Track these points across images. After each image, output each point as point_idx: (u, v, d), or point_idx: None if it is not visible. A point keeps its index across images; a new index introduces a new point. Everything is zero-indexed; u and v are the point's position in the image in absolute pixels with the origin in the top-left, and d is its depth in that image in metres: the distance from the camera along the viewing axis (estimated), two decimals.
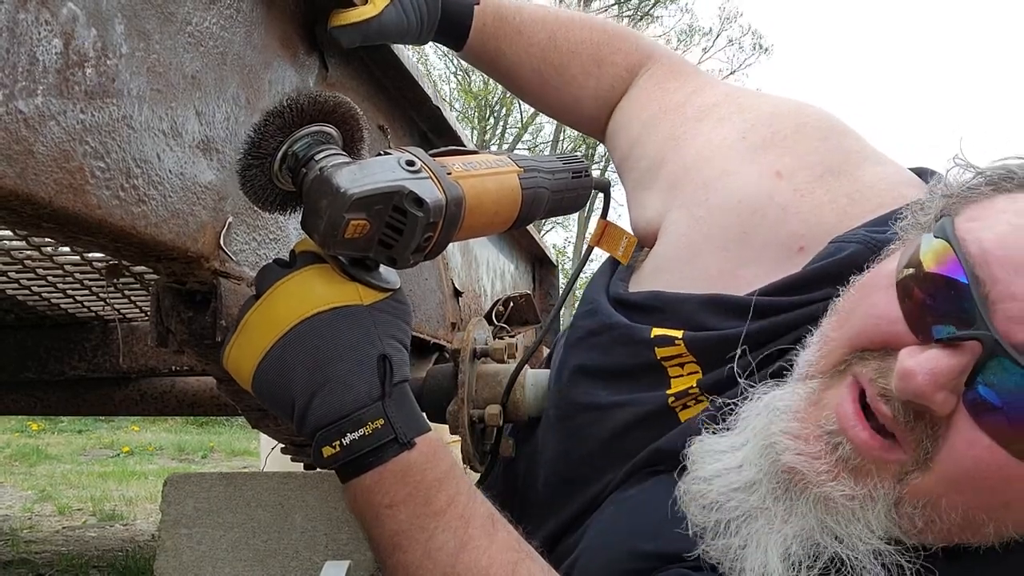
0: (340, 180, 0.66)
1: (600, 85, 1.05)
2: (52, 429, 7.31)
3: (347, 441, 0.67)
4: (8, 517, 3.73)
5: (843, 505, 0.62)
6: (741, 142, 0.86)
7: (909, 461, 0.60)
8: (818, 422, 0.64)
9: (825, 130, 0.85)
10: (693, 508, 0.69)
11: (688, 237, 0.83)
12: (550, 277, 2.76)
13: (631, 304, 0.84)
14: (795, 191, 0.80)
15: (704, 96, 0.96)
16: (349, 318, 0.69)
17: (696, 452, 0.71)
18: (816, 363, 0.67)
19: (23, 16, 0.49)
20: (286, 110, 0.69)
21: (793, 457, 0.64)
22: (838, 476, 0.62)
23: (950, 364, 0.56)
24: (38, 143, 0.50)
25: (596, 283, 0.93)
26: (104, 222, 0.57)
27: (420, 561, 0.68)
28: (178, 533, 0.81)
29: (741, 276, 0.78)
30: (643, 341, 0.79)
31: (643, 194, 0.93)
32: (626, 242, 0.93)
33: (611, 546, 0.76)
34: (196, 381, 2.27)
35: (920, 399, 0.57)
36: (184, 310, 0.75)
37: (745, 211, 0.80)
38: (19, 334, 1.90)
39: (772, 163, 0.82)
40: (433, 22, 1.00)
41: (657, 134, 0.95)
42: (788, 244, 0.78)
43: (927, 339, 0.58)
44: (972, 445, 0.57)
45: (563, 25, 1.06)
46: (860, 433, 0.61)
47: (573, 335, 0.89)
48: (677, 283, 0.82)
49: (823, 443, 0.63)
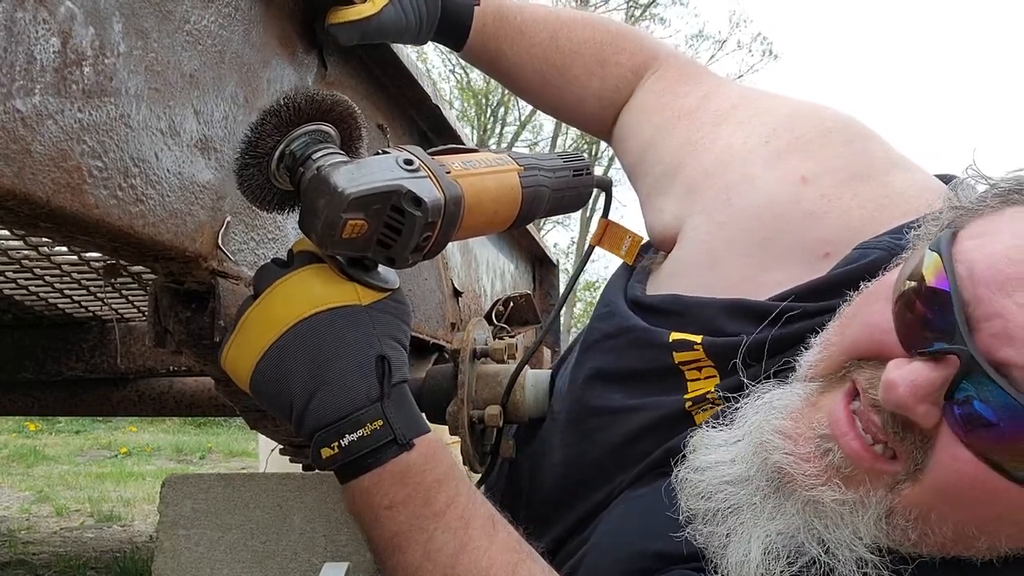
0: (337, 180, 0.65)
1: (604, 86, 1.04)
2: (50, 430, 7.30)
3: (345, 442, 0.67)
4: (5, 518, 3.73)
5: (832, 509, 0.63)
6: (763, 147, 0.85)
7: (901, 471, 0.61)
8: (811, 424, 0.65)
9: (850, 134, 0.85)
10: (686, 494, 0.70)
11: (709, 243, 0.83)
12: (550, 277, 2.75)
13: (649, 307, 0.84)
14: (822, 196, 0.79)
15: (719, 100, 0.95)
16: (347, 319, 0.69)
17: (695, 443, 0.72)
18: (816, 365, 0.67)
19: (21, 15, 0.48)
20: (283, 109, 0.68)
21: (782, 457, 0.64)
22: (828, 481, 0.63)
23: (930, 377, 0.57)
24: (36, 142, 0.50)
25: (614, 285, 0.92)
26: (102, 221, 0.57)
27: (420, 562, 0.68)
28: (176, 534, 0.81)
29: (764, 282, 0.78)
30: (661, 345, 0.79)
31: (659, 199, 0.92)
32: (629, 241, 0.93)
33: (619, 545, 0.76)
34: (194, 382, 2.27)
35: (902, 410, 0.58)
36: (182, 310, 0.75)
37: (768, 216, 0.80)
38: (16, 334, 1.90)
39: (796, 168, 0.82)
40: (433, 22, 0.99)
41: (672, 139, 0.94)
42: (814, 249, 0.77)
43: (913, 352, 0.59)
44: (956, 459, 0.58)
45: (565, 25, 1.05)
46: (851, 443, 0.62)
47: (590, 337, 0.89)
48: (697, 288, 0.81)
49: (813, 445, 0.64)
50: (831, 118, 0.86)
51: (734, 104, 0.93)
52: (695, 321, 0.78)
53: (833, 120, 0.86)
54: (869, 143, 0.85)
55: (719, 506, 0.67)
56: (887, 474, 0.61)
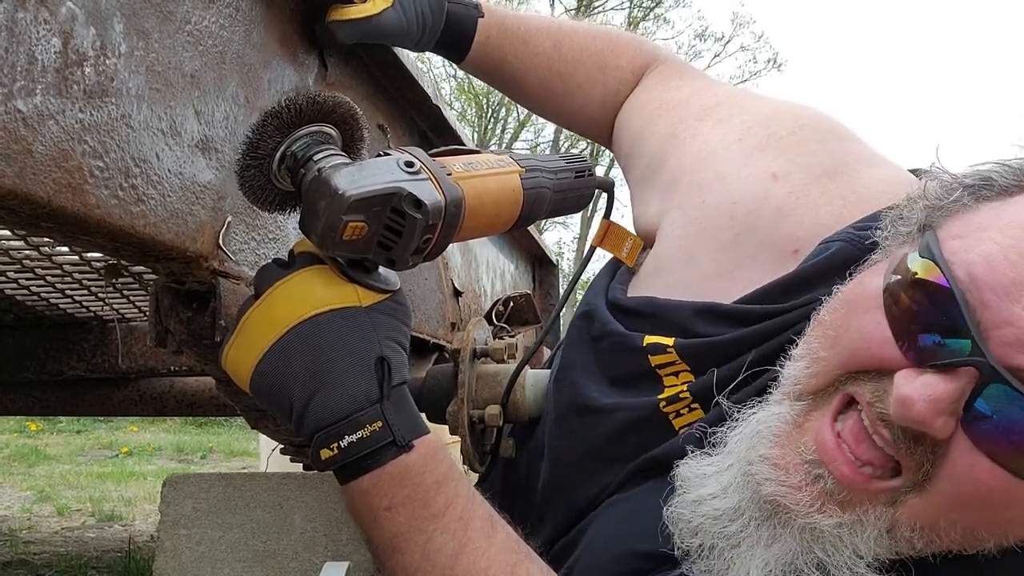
0: (338, 182, 0.65)
1: (607, 91, 1.06)
2: (51, 429, 7.31)
3: (345, 444, 0.67)
4: (7, 518, 3.73)
5: (830, 533, 0.62)
6: (737, 144, 0.86)
7: (905, 484, 0.60)
8: (798, 449, 0.64)
9: (823, 132, 0.85)
10: (679, 531, 0.69)
11: (684, 239, 0.83)
12: (550, 277, 2.76)
13: (627, 309, 0.84)
14: (790, 193, 0.80)
15: (706, 96, 0.96)
16: (347, 320, 0.69)
17: (683, 475, 0.71)
18: (805, 382, 0.66)
19: (22, 15, 0.48)
20: (284, 111, 0.69)
21: (775, 488, 0.63)
22: (824, 508, 0.62)
23: (947, 389, 0.56)
24: (37, 142, 0.50)
25: (596, 286, 0.93)
26: (103, 222, 0.57)
27: (419, 563, 0.68)
28: (177, 534, 0.81)
29: (736, 278, 0.78)
30: (637, 349, 0.79)
31: (645, 191, 0.94)
32: (631, 243, 0.93)
33: (611, 546, 0.76)
34: (195, 381, 2.27)
35: (921, 426, 0.57)
36: (183, 310, 0.75)
37: (739, 213, 0.80)
38: (18, 334, 1.90)
39: (768, 164, 0.82)
40: (436, 30, 1.00)
41: (657, 130, 0.96)
42: (782, 246, 0.78)
43: (920, 363, 0.58)
44: (973, 467, 0.57)
45: (567, 34, 1.06)
46: (841, 468, 0.61)
47: (572, 335, 0.89)
48: (676, 284, 0.81)
49: (803, 472, 0.63)
50: (807, 116, 0.87)
51: (719, 101, 0.94)
52: (668, 323, 0.79)
53: (808, 119, 0.86)
54: (843, 141, 0.85)
55: (713, 541, 0.66)
56: (884, 492, 0.61)
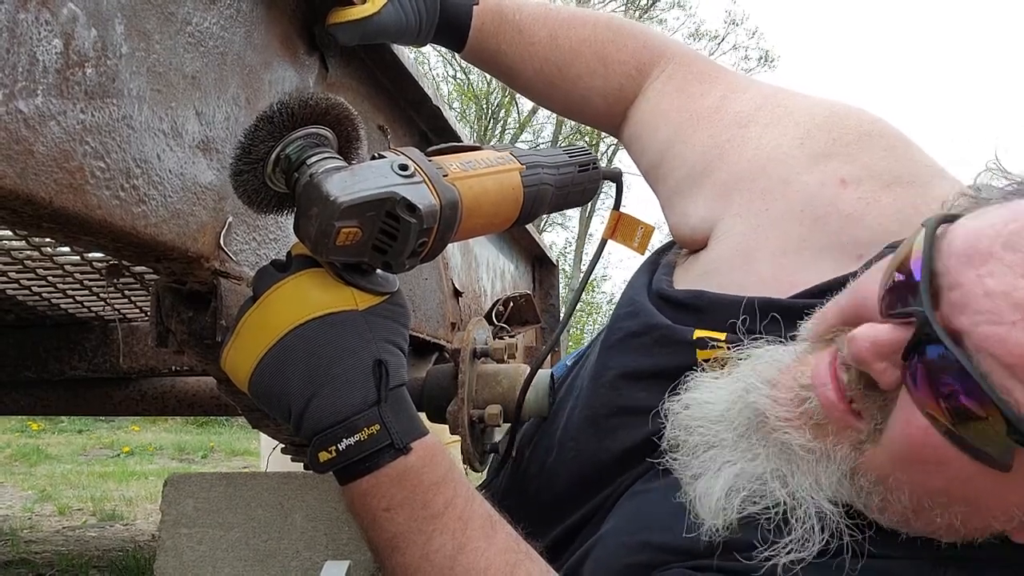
0: (330, 187, 0.65)
1: (608, 84, 1.03)
2: (52, 429, 7.32)
3: (343, 446, 0.67)
4: (8, 517, 3.74)
5: (799, 456, 0.66)
6: (799, 149, 0.85)
7: (864, 430, 0.63)
8: (795, 376, 0.68)
9: (890, 139, 0.85)
10: (672, 426, 0.74)
11: (743, 244, 0.83)
12: (550, 277, 2.75)
13: (674, 301, 0.84)
14: (859, 199, 0.80)
15: (739, 101, 0.95)
16: (344, 324, 0.69)
17: (689, 383, 0.76)
18: (811, 329, 0.70)
19: (23, 16, 0.49)
20: (276, 114, 0.68)
21: (760, 398, 0.68)
22: (800, 427, 0.66)
23: (891, 337, 0.60)
24: (38, 143, 0.50)
25: (636, 283, 0.92)
26: (104, 222, 0.57)
27: (418, 563, 0.68)
28: (178, 533, 0.81)
29: (795, 282, 0.78)
30: (685, 342, 0.79)
31: (683, 202, 0.92)
32: (642, 232, 0.92)
33: (623, 537, 0.76)
34: (196, 381, 2.27)
35: (861, 364, 0.62)
36: (184, 310, 0.75)
37: (808, 219, 0.80)
38: (19, 334, 1.90)
39: (835, 170, 0.82)
40: (432, 22, 0.99)
41: (693, 141, 0.94)
42: (848, 251, 0.78)
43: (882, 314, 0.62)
44: (909, 422, 0.60)
45: (564, 23, 1.04)
46: (828, 392, 0.64)
47: (612, 336, 0.88)
48: (728, 285, 0.81)
49: (793, 393, 0.67)
50: (869, 121, 0.86)
51: (757, 104, 0.93)
52: (719, 318, 0.79)
53: (871, 123, 0.86)
54: (910, 150, 0.85)
55: (698, 440, 0.71)
56: (853, 429, 0.64)
